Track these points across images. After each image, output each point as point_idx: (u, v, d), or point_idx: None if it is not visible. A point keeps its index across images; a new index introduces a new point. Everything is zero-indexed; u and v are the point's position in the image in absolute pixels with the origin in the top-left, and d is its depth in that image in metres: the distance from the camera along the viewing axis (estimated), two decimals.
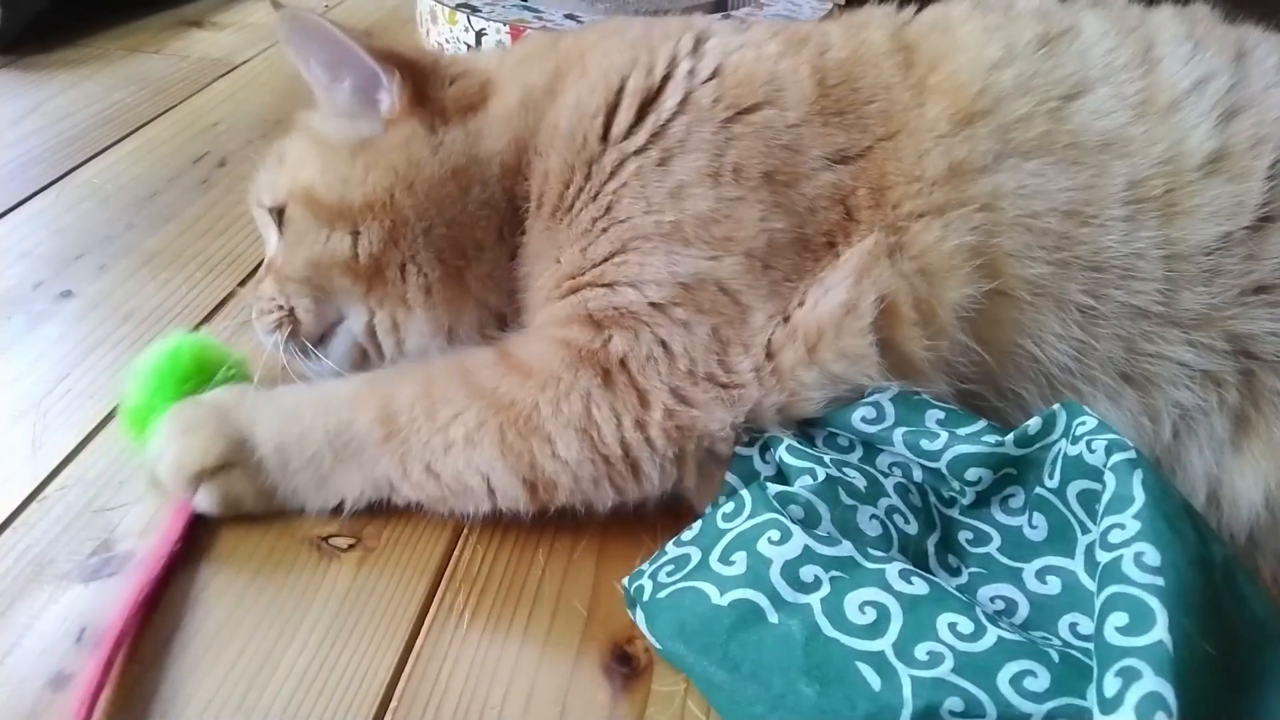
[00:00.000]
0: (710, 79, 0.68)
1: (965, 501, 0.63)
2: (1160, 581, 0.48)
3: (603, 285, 0.65)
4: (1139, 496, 0.52)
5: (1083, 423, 0.58)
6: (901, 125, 0.65)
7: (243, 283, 0.91)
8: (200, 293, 0.90)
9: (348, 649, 0.57)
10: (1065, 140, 0.63)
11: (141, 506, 0.66)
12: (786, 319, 0.63)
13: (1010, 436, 0.60)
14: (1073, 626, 0.55)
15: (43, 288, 0.89)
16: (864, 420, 0.63)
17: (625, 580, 0.60)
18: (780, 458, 0.63)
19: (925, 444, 0.61)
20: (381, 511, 0.67)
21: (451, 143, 0.70)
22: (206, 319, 0.86)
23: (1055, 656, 0.50)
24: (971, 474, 0.61)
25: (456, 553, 0.64)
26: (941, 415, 0.63)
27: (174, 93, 1.34)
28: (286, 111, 1.28)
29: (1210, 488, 0.63)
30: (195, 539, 0.63)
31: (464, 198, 0.70)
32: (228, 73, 1.43)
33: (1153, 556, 0.49)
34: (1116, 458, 0.55)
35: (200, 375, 0.69)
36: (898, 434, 0.62)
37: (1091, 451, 0.57)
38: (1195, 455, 0.63)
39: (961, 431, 0.61)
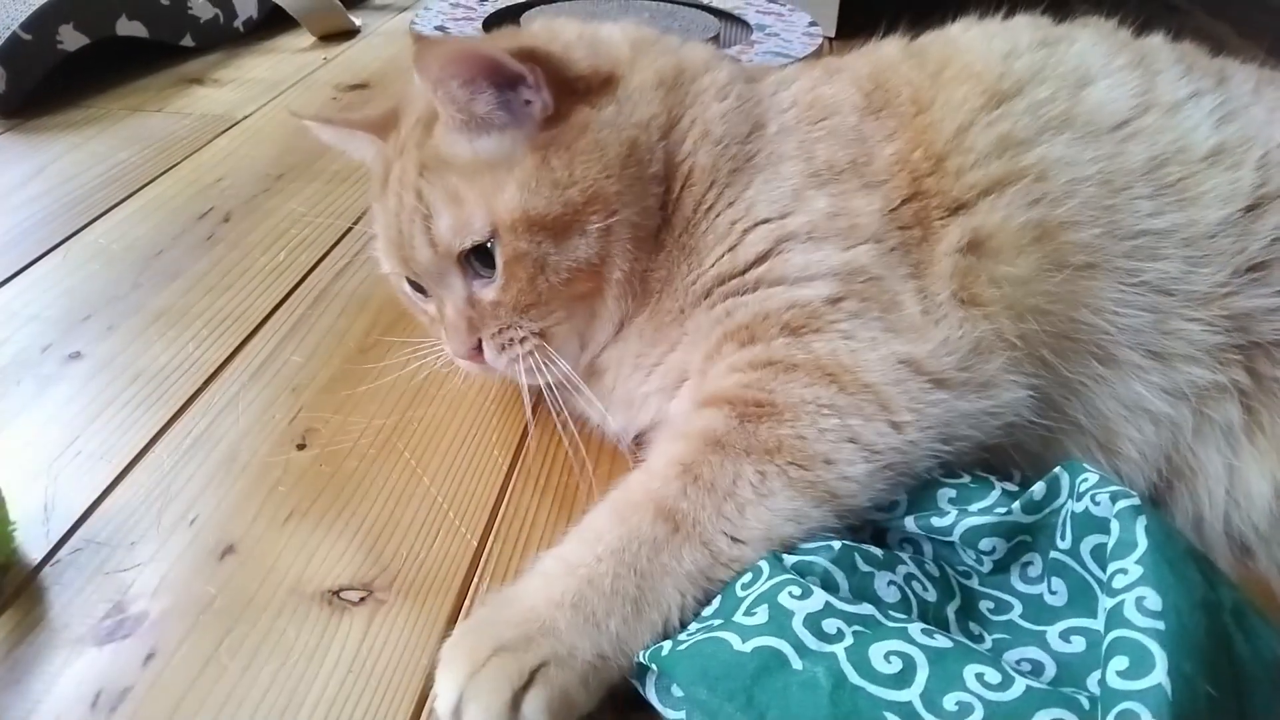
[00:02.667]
0: (789, 109, 0.78)
1: (984, 570, 0.63)
2: (1161, 625, 0.48)
3: (771, 285, 0.68)
4: (1141, 542, 0.53)
5: (1084, 479, 0.59)
6: (929, 103, 0.74)
7: (248, 339, 0.93)
8: (207, 349, 0.91)
9: (359, 707, 0.57)
10: (1084, 118, 0.71)
11: (154, 567, 0.66)
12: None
13: (1018, 504, 0.61)
14: (1101, 683, 0.55)
15: (51, 350, 0.90)
16: (876, 509, 0.63)
17: (640, 655, 0.56)
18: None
19: (936, 521, 0.62)
20: (391, 562, 0.67)
21: (615, 115, 0.72)
22: (214, 375, 0.87)
23: (1086, 704, 0.49)
24: (985, 544, 0.61)
25: (467, 604, 0.65)
26: (953, 494, 0.63)
27: (177, 150, 1.36)
28: (288, 165, 1.32)
29: (1229, 480, 0.68)
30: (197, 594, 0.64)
31: (643, 173, 0.72)
32: (229, 128, 1.45)
33: (1154, 600, 0.50)
34: (1121, 505, 0.56)
35: None
36: (909, 521, 0.63)
37: (1096, 504, 0.57)
38: (1214, 450, 0.68)
39: (972, 508, 0.62)
